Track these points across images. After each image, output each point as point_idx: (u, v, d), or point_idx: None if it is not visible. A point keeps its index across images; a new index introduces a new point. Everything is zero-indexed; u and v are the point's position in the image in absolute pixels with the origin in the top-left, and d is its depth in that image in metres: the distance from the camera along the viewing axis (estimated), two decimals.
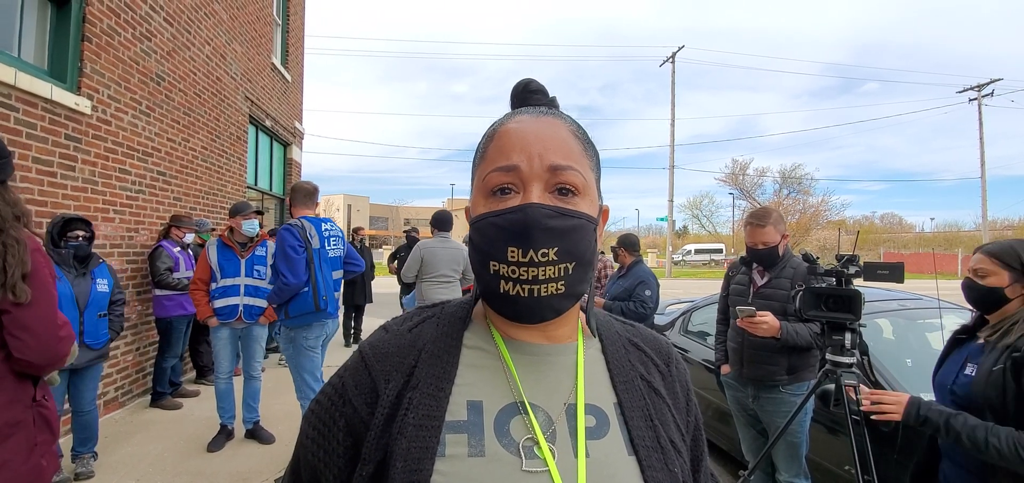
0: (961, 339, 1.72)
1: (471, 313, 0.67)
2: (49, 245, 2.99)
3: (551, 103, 0.67)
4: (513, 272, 0.55)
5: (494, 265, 0.56)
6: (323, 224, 3.37)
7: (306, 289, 3.15)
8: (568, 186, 0.58)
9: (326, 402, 0.64)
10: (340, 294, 3.53)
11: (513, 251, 0.55)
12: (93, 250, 3.21)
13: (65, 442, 3.32)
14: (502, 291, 0.56)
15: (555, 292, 0.56)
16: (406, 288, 6.39)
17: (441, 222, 4.61)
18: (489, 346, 0.63)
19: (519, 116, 0.62)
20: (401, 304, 5.80)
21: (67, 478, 3.08)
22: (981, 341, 1.62)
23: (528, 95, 0.67)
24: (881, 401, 1.70)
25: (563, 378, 0.62)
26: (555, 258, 0.55)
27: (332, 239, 3.40)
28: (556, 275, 0.56)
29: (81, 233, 3.11)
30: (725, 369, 2.72)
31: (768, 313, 2.32)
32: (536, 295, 0.55)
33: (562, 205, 0.57)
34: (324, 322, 3.32)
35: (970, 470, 1.57)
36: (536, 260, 0.55)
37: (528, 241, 0.54)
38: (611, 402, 0.62)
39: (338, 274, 3.46)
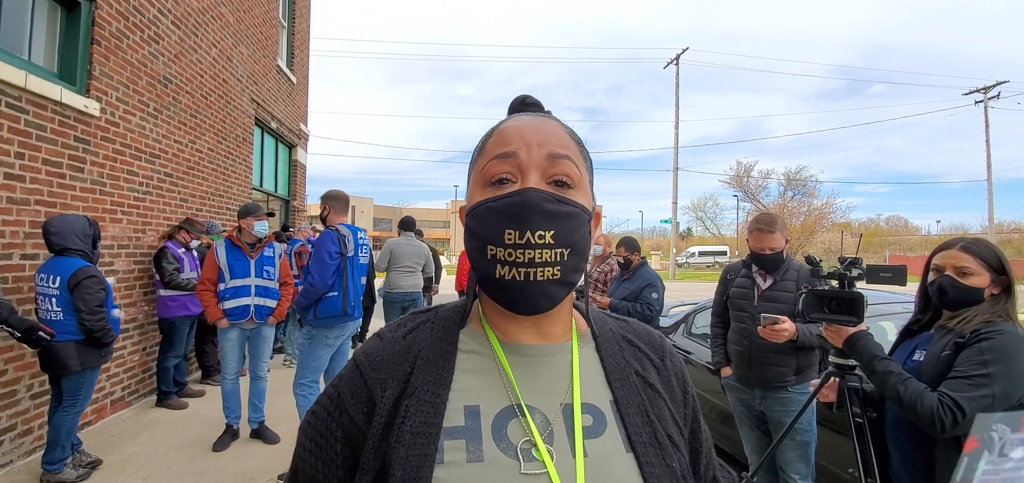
0: (912, 331, 1.77)
1: (465, 316, 0.66)
2: (91, 248, 3.16)
3: (547, 114, 0.69)
4: (509, 255, 0.55)
5: (491, 250, 0.56)
6: (358, 233, 3.52)
7: (334, 294, 3.30)
8: (564, 177, 0.59)
9: (322, 413, 0.64)
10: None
11: (510, 233, 0.55)
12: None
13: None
14: (498, 276, 0.56)
15: (551, 277, 0.56)
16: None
17: (406, 224, 5.95)
18: (484, 349, 0.63)
19: (518, 116, 0.65)
20: (378, 293, 6.35)
21: (74, 475, 3.11)
22: (931, 331, 1.68)
23: (525, 107, 0.70)
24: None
25: (559, 378, 0.62)
26: (552, 241, 0.56)
27: (363, 247, 3.57)
28: (552, 259, 0.56)
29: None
30: (726, 372, 2.72)
31: (785, 318, 2.33)
32: (532, 278, 0.55)
33: (559, 193, 0.58)
34: (346, 324, 3.48)
35: (907, 462, 1.65)
36: (532, 242, 0.55)
37: (525, 223, 0.55)
38: (607, 400, 0.62)
39: (363, 280, 3.61)
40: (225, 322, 3.62)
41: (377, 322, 8.25)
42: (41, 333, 2.83)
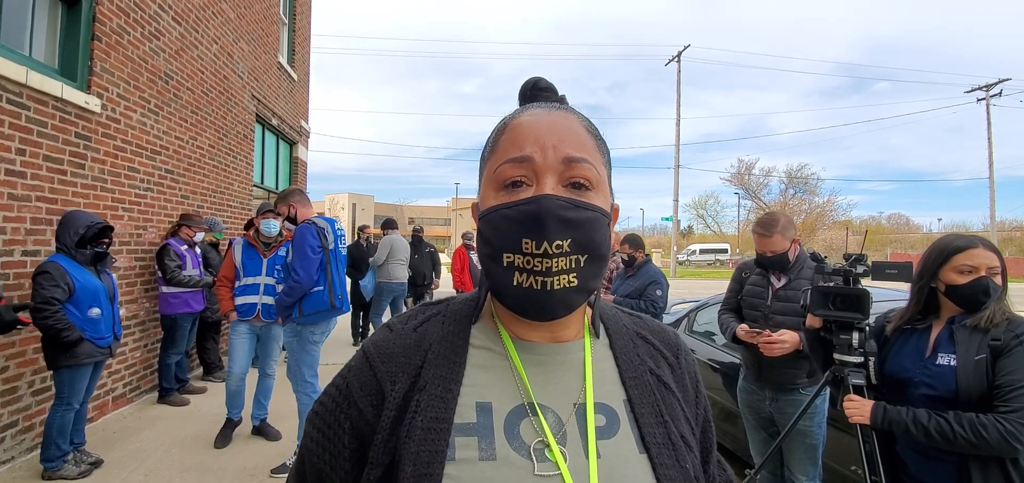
0: (906, 329, 1.74)
1: (477, 311, 0.65)
2: (75, 247, 3.09)
3: (561, 101, 0.65)
4: (527, 263, 0.54)
5: (507, 257, 0.54)
6: (335, 224, 3.48)
7: (321, 288, 3.22)
8: (582, 180, 0.56)
9: (330, 404, 0.63)
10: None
11: (527, 243, 0.53)
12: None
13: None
14: (515, 283, 0.54)
15: (568, 285, 0.54)
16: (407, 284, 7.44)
17: (392, 223, 7.14)
18: (496, 346, 0.61)
19: (532, 109, 0.60)
20: (360, 286, 6.90)
21: (74, 472, 3.11)
22: (940, 330, 1.65)
23: (537, 92, 0.66)
24: (851, 404, 1.75)
25: (572, 378, 0.61)
26: (569, 250, 0.54)
27: (341, 239, 3.52)
28: (569, 267, 0.54)
29: (106, 241, 3.27)
30: (742, 330, 2.53)
31: (785, 331, 2.28)
32: (549, 288, 0.54)
33: (577, 197, 0.55)
34: (330, 319, 3.40)
35: (919, 450, 1.63)
36: (550, 251, 0.53)
37: (542, 232, 0.53)
38: (621, 399, 0.61)
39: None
40: (234, 315, 3.65)
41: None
42: (11, 319, 2.80)
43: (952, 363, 1.57)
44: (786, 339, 2.26)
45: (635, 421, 0.60)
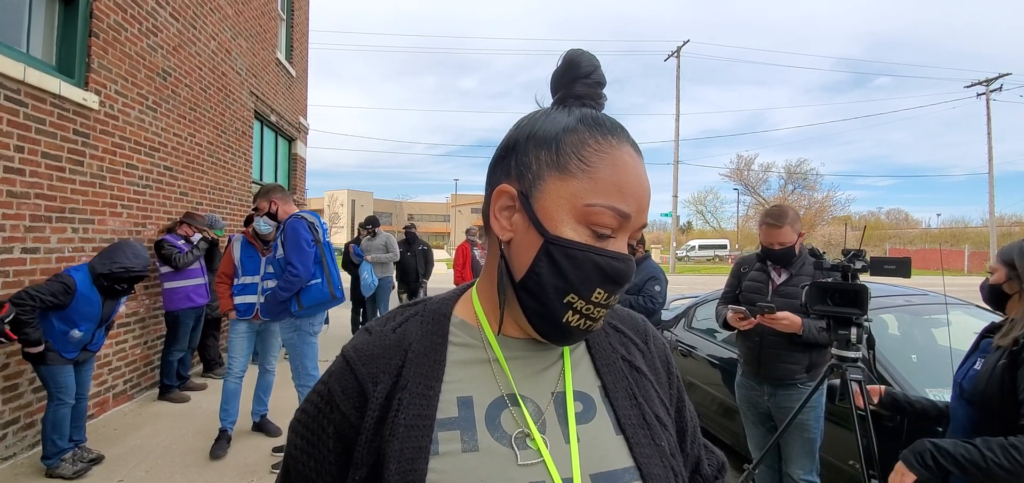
0: (986, 336, 1.67)
1: (453, 310, 0.66)
2: (97, 275, 3.13)
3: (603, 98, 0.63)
4: (588, 310, 0.56)
5: (572, 297, 0.55)
6: (318, 218, 3.49)
7: (318, 281, 3.26)
8: (636, 242, 0.62)
9: (313, 410, 0.63)
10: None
11: (600, 293, 0.56)
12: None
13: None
14: (564, 320, 0.56)
15: (599, 326, 0.59)
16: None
17: (375, 221, 7.39)
18: (475, 341, 0.63)
19: (630, 150, 0.58)
20: (362, 282, 6.85)
21: (70, 470, 3.12)
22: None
23: (597, 93, 0.61)
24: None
25: (549, 368, 0.63)
26: (615, 299, 0.59)
27: (326, 232, 3.55)
28: (607, 311, 0.59)
29: (126, 286, 3.30)
30: (730, 316, 2.58)
31: (787, 312, 2.26)
32: (590, 330, 0.58)
33: (635, 258, 0.61)
34: (325, 310, 3.43)
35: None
36: (610, 303, 0.58)
37: (617, 287, 0.57)
38: (596, 386, 0.64)
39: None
40: (234, 314, 3.65)
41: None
42: (29, 350, 2.92)
43: (979, 367, 1.51)
44: (788, 317, 2.22)
45: (611, 405, 0.63)
